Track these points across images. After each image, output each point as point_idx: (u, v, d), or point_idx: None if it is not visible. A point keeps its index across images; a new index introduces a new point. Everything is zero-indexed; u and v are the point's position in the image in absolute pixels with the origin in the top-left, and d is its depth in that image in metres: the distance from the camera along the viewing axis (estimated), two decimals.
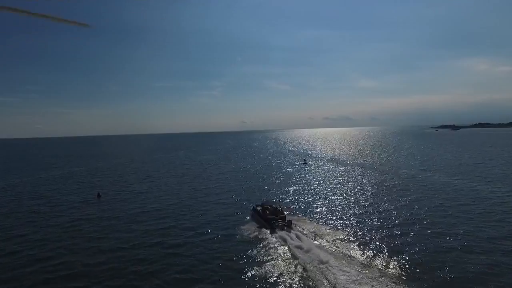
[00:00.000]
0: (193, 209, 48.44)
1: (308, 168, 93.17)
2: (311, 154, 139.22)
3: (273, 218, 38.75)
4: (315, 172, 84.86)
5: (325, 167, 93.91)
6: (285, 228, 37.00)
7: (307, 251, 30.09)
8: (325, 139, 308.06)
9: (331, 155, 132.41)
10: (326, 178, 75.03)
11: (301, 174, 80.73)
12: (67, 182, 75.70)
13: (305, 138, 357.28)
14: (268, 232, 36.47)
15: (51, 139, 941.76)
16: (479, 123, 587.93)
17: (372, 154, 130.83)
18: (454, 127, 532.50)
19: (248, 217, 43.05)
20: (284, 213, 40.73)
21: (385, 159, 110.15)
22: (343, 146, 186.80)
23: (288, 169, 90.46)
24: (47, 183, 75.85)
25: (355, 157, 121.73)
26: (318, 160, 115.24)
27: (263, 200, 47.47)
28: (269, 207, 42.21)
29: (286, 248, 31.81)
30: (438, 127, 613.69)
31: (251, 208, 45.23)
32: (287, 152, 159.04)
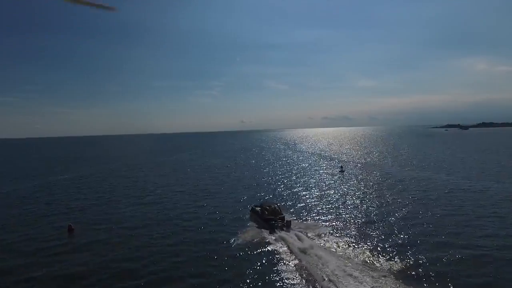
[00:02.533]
0: (193, 215, 46.39)
1: (329, 171, 76.29)
2: (324, 155, 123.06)
3: (272, 218, 38.27)
4: (313, 171, 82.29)
5: (326, 166, 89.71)
6: (284, 228, 36.85)
7: (307, 251, 30.05)
8: (330, 139, 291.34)
9: (338, 156, 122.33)
10: (326, 177, 75.11)
11: (335, 181, 63.69)
12: (36, 202, 56.26)
13: (312, 138, 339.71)
14: (268, 232, 36.29)
15: (50, 139, 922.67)
16: (483, 123, 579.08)
17: (393, 155, 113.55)
18: (462, 127, 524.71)
19: (247, 218, 43.02)
20: (283, 213, 40.57)
21: (411, 162, 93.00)
22: (351, 147, 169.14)
23: (325, 178, 73.32)
24: (8, 203, 56.37)
25: (367, 158, 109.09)
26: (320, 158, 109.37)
27: (262, 201, 47.53)
28: (268, 208, 41.19)
29: (286, 248, 31.78)
30: (442, 127, 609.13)
31: (250, 209, 45.06)
32: (308, 155, 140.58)
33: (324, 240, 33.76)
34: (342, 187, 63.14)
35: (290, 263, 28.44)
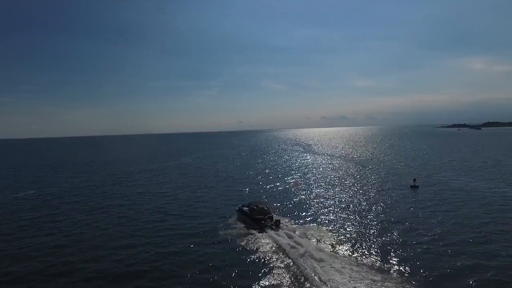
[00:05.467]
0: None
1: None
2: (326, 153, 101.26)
3: (261, 218, 38.18)
4: (306, 169, 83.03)
5: (326, 165, 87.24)
6: (274, 227, 36.98)
7: (299, 250, 29.92)
8: (340, 139, 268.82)
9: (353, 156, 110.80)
10: (321, 175, 76.72)
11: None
12: None
13: (320, 138, 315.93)
14: (257, 232, 36.23)
15: (46, 139, 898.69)
16: (488, 122, 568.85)
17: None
18: (473, 127, 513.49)
19: (234, 219, 42.37)
20: (271, 213, 40.52)
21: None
22: (375, 149, 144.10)
23: (392, 194, 51.27)
24: None
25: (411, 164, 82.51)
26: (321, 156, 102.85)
27: (250, 201, 46.17)
28: (255, 207, 40.67)
29: (276, 247, 31.76)
30: (449, 126, 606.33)
31: (236, 209, 44.32)
32: (342, 159, 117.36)
33: (314, 239, 33.77)
34: (340, 187, 62.65)
35: (281, 262, 28.37)
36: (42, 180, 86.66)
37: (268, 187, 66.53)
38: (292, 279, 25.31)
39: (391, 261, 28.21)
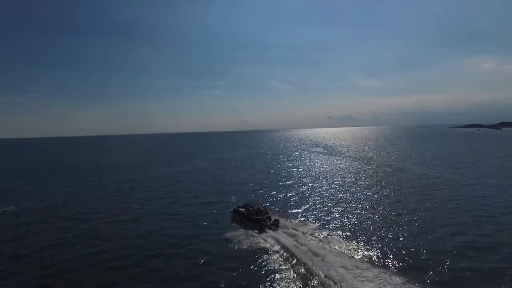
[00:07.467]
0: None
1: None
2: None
3: (259, 218, 37.56)
4: (302, 168, 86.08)
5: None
6: (273, 227, 36.47)
7: (300, 248, 30.15)
8: (355, 139, 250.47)
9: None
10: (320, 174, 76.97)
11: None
12: None
13: (335, 139, 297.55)
14: (256, 232, 35.67)
15: (51, 139, 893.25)
16: (503, 122, 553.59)
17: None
18: (492, 127, 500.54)
19: (229, 221, 41.56)
20: (268, 213, 39.96)
21: None
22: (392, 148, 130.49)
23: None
24: None
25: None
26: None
27: (246, 202, 44.96)
28: (251, 208, 40.09)
29: (278, 246, 31.60)
30: (462, 126, 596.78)
31: (231, 210, 43.89)
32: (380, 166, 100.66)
33: (315, 237, 33.83)
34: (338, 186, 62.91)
35: (287, 262, 28.27)
36: (32, 189, 71.57)
37: (298, 193, 57.33)
38: (296, 276, 25.33)
39: (390, 256, 28.57)
